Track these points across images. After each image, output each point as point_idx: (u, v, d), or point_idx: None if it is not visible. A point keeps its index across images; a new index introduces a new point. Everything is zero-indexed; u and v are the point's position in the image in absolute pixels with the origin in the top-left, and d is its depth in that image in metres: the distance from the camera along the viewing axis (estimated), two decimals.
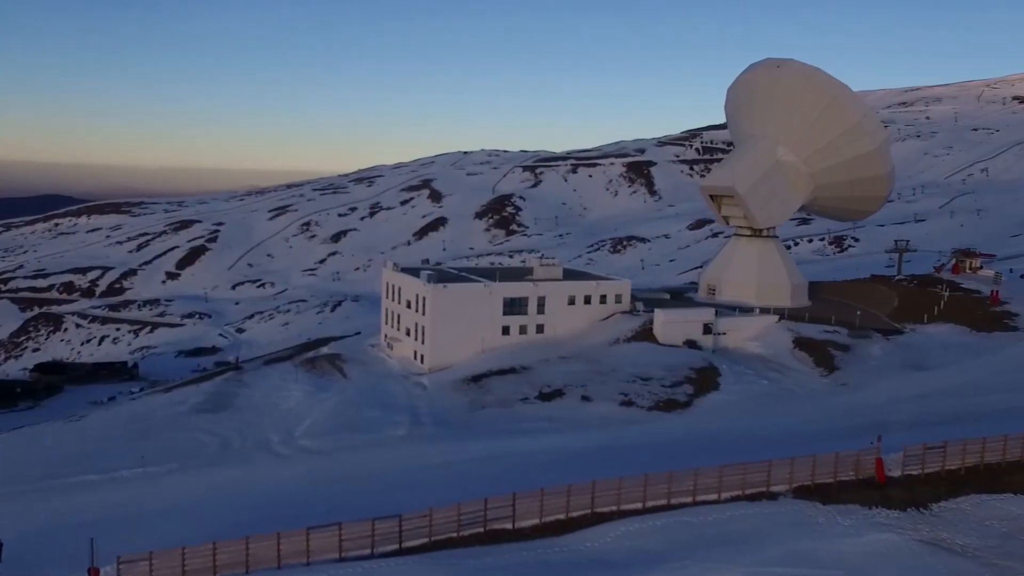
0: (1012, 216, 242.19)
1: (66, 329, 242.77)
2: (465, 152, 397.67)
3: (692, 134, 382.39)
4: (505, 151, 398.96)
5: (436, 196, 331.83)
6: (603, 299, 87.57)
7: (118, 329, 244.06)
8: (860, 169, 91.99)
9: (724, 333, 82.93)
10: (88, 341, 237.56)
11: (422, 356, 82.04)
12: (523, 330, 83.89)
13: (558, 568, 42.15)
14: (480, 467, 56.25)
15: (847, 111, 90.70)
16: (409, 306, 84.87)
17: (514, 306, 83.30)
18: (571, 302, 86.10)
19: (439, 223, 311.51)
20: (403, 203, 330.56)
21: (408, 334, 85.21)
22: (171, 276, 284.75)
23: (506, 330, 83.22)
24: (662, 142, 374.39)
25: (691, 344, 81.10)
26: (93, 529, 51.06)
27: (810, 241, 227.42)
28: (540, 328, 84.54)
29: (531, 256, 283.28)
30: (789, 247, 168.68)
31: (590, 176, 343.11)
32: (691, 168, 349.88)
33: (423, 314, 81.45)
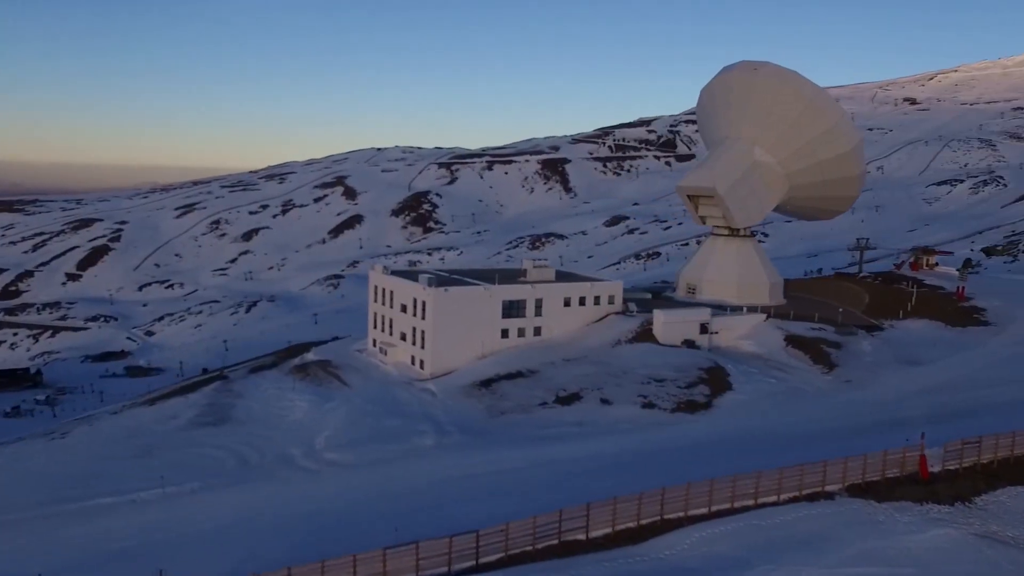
0: (907, 212, 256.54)
1: None
2: (379, 149, 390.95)
3: (605, 132, 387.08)
4: (420, 148, 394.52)
5: (351, 193, 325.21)
6: (596, 300, 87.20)
7: (15, 334, 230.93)
8: (834, 170, 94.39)
9: (717, 332, 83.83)
10: None
11: (421, 361, 79.70)
12: (521, 333, 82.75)
13: None
14: (526, 476, 54.96)
15: (824, 114, 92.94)
16: (405, 310, 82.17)
17: (513, 308, 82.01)
18: (567, 304, 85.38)
19: (355, 220, 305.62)
20: (316, 200, 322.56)
21: (404, 339, 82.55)
22: (72, 277, 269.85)
23: (505, 333, 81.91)
24: (576, 139, 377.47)
25: (689, 344, 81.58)
26: (129, 556, 47.77)
27: None
28: (537, 330, 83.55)
29: (449, 253, 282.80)
30: (700, 241, 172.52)
31: (506, 173, 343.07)
32: (604, 165, 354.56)
33: (422, 318, 79.04)
